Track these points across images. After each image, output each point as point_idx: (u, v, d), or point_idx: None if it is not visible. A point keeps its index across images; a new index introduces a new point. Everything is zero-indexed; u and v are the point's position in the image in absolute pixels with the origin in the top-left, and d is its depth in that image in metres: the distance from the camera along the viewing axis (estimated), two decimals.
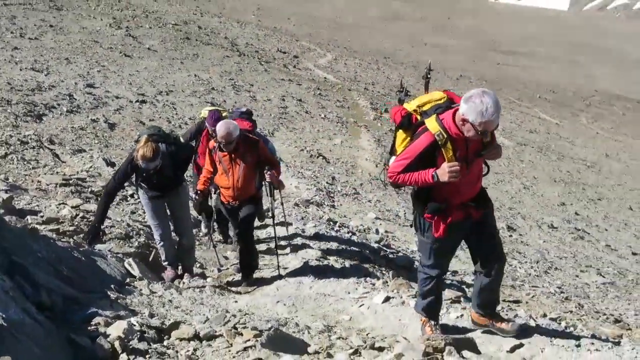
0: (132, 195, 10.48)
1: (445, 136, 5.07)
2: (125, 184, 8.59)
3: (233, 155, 8.12)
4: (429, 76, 6.24)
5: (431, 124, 5.16)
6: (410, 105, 5.46)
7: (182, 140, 8.95)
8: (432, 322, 6.05)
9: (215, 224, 10.55)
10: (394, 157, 5.60)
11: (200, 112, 10.57)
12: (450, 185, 5.17)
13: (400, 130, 5.53)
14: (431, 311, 6.09)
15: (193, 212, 10.30)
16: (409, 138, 5.44)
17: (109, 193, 7.86)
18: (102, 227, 8.00)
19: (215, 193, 9.05)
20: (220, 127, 7.92)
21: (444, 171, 5.03)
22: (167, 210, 8.42)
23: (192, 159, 8.85)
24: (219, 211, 9.68)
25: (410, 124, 5.40)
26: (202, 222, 10.75)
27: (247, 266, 8.67)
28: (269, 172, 8.23)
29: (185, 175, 8.78)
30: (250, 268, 8.72)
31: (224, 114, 9.63)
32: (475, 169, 5.38)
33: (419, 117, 5.37)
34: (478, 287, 5.92)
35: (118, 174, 7.88)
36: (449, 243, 5.72)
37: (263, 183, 8.80)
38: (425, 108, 5.37)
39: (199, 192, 8.60)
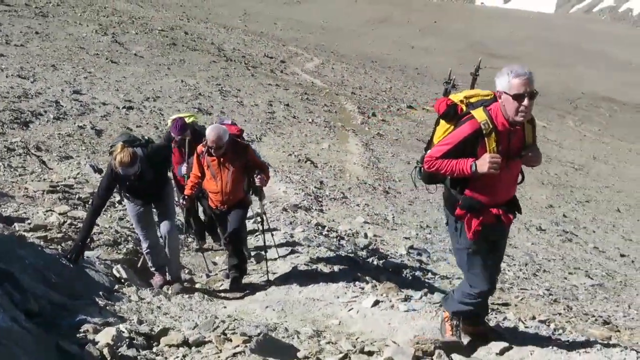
0: (119, 202, 10.44)
1: (491, 126, 4.96)
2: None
3: (222, 159, 8.13)
4: (477, 74, 6.03)
5: (478, 113, 5.04)
6: (456, 97, 5.34)
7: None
8: (454, 322, 5.87)
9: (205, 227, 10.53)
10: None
11: (168, 122, 10.54)
12: (486, 182, 5.08)
13: (443, 121, 5.34)
14: (459, 316, 5.89)
15: (180, 217, 10.30)
16: (451, 128, 5.26)
17: (94, 210, 7.68)
18: (85, 244, 7.77)
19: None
20: (211, 132, 7.93)
21: (485, 161, 4.89)
22: (155, 216, 8.38)
23: (170, 158, 8.69)
24: (210, 215, 9.70)
25: (455, 114, 5.23)
26: (192, 228, 10.65)
27: (236, 271, 8.66)
28: (259, 177, 8.25)
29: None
30: (240, 273, 8.71)
31: (189, 120, 9.61)
32: (513, 170, 5.25)
33: (464, 108, 5.23)
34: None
35: (100, 189, 7.73)
36: (484, 247, 5.43)
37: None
38: (472, 100, 5.25)
39: (186, 197, 8.58)
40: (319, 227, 11.83)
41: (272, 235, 10.58)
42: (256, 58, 36.90)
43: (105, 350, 5.24)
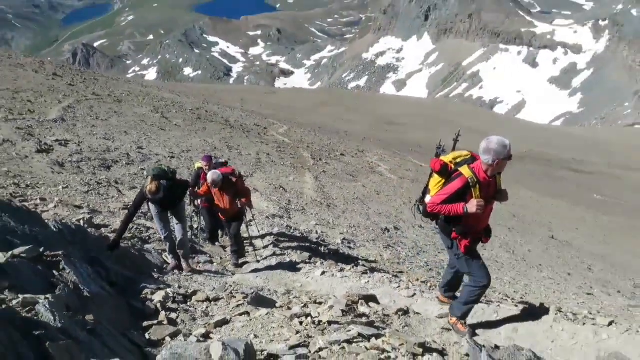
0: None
1: (476, 180, 4.73)
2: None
3: (221, 190, 8.29)
4: (458, 140, 5.76)
5: (465, 170, 4.79)
6: (446, 158, 5.07)
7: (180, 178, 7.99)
8: (462, 321, 5.19)
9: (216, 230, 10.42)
10: (428, 196, 5.14)
11: (195, 164, 10.48)
12: (473, 216, 4.79)
13: (436, 175, 5.06)
14: (465, 316, 5.21)
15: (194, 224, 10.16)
16: (443, 181, 5.00)
17: (129, 216, 7.07)
18: (119, 241, 6.83)
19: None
20: (209, 177, 8.08)
21: (473, 205, 4.66)
22: (173, 217, 7.89)
23: (186, 193, 7.98)
24: (211, 229, 10.01)
25: (447, 171, 4.99)
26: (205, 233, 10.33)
27: (237, 255, 8.67)
28: (239, 201, 8.38)
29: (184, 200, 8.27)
30: (240, 256, 8.72)
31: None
32: (489, 207, 4.95)
33: (452, 167, 4.98)
34: (452, 280, 5.61)
35: (135, 202, 7.25)
36: (473, 254, 5.10)
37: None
38: (458, 160, 4.99)
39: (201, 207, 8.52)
40: (289, 228, 11.83)
41: (259, 232, 10.58)
42: (249, 126, 36.73)
43: (159, 305, 5.22)
